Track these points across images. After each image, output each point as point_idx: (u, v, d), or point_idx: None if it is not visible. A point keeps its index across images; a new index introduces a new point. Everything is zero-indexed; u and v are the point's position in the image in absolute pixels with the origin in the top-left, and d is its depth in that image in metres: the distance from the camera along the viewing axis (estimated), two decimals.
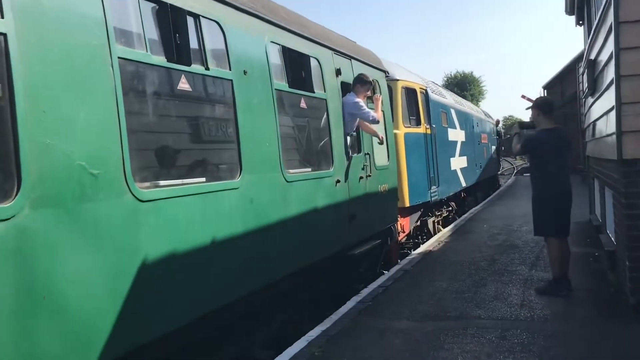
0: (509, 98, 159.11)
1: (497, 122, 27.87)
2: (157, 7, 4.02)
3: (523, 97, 48.68)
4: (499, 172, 29.11)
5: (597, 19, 6.96)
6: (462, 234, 11.55)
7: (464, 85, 68.53)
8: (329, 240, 6.60)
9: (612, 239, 7.31)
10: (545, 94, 40.18)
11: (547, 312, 5.76)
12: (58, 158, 3.04)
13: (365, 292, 7.08)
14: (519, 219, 12.67)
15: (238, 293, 4.73)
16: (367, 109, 7.15)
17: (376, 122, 7.33)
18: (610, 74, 5.85)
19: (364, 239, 7.69)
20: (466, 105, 18.95)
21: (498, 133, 26.62)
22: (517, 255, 8.71)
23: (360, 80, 7.22)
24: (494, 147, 24.50)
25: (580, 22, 11.54)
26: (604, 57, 6.58)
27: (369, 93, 7.31)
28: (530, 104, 42.89)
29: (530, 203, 6.63)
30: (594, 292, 6.39)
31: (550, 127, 6.37)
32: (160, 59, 3.97)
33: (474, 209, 16.32)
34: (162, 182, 3.92)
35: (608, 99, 6.16)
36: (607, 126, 6.35)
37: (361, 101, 7.10)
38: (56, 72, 3.09)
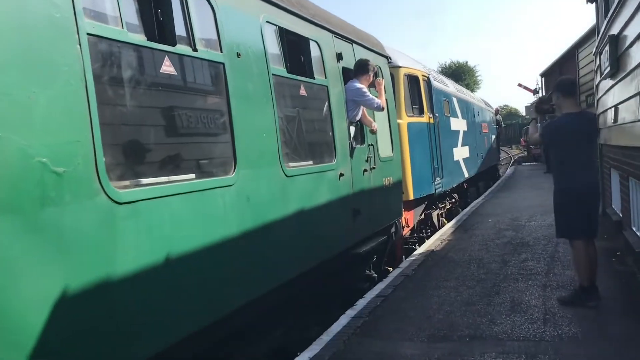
0: (505, 87, 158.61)
1: (497, 111, 27.39)
2: None
3: (520, 85, 48.10)
4: (499, 162, 28.64)
5: None
6: (466, 230, 10.72)
7: (459, 75, 67.87)
8: (333, 239, 6.08)
9: None
10: (543, 82, 39.69)
11: (577, 330, 4.86)
12: (11, 154, 2.49)
13: (361, 303, 6.22)
14: (526, 212, 12.11)
15: (235, 303, 4.20)
16: (371, 96, 6.61)
17: (381, 109, 6.79)
18: None
19: (368, 236, 7.17)
20: (467, 94, 18.43)
21: (497, 122, 26.11)
22: (529, 255, 7.90)
23: (362, 66, 6.68)
24: (493, 137, 24.01)
25: None
26: (635, 30, 5.86)
27: (371, 79, 6.76)
28: (529, 92, 42.46)
29: (535, 194, 6.04)
30: (626, 301, 5.55)
31: (575, 110, 5.57)
32: (139, 37, 3.41)
33: (476, 201, 15.75)
34: (143, 180, 3.38)
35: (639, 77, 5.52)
36: None
37: (364, 87, 6.56)
38: (7, 50, 2.54)
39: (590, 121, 5.67)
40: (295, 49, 5.59)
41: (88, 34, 2.97)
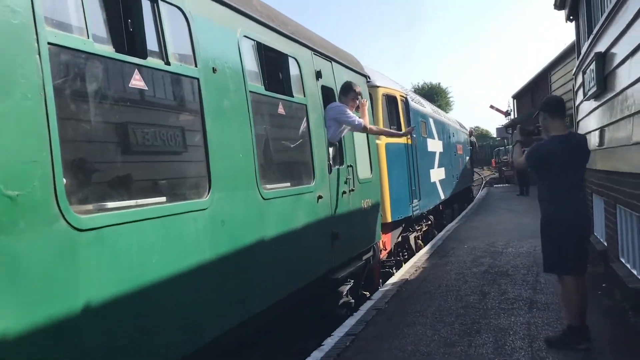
0: (476, 108, 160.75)
1: (471, 132, 27.52)
2: None
3: (491, 107, 48.65)
4: (472, 184, 28.73)
5: (613, 3, 6.07)
6: (441, 256, 10.28)
7: (432, 97, 68.55)
8: (312, 264, 5.81)
9: (635, 273, 6.20)
10: (515, 104, 40.19)
11: None
12: None
13: (329, 343, 5.61)
14: (501, 237, 11.94)
15: (209, 335, 3.89)
16: (353, 115, 6.41)
17: (363, 129, 6.58)
18: (638, 64, 4.97)
19: (347, 260, 6.92)
20: (443, 115, 18.43)
21: (471, 143, 26.22)
22: (509, 287, 7.45)
23: (348, 88, 6.49)
24: (467, 158, 24.06)
25: (572, 17, 11.02)
26: (625, 47, 5.63)
27: (356, 103, 6.56)
28: (500, 114, 42.92)
29: (509, 217, 5.77)
30: (619, 342, 5.09)
31: (563, 133, 5.10)
32: (106, 49, 3.14)
33: (450, 224, 15.56)
34: (108, 204, 3.08)
35: (633, 98, 5.31)
36: (634, 132, 5.35)
37: (346, 106, 6.36)
38: None
39: (581, 144, 5.19)
40: (273, 65, 5.36)
41: (49, 43, 2.69)
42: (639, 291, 5.63)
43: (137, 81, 3.32)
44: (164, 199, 3.54)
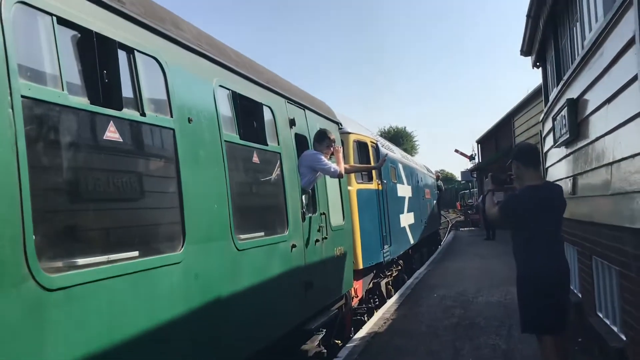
0: (442, 152, 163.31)
1: (438, 176, 27.84)
2: (79, 35, 3.14)
3: (456, 151, 49.46)
4: (440, 227, 28.93)
5: (589, 46, 6.04)
6: (410, 306, 10.02)
7: (397, 140, 69.49)
8: (286, 315, 5.67)
9: (616, 330, 5.89)
10: (480, 149, 40.97)
11: None
12: None
13: None
14: (471, 285, 11.88)
15: None
16: (329, 162, 6.40)
17: (338, 175, 6.57)
18: (618, 113, 4.90)
19: (320, 310, 6.80)
20: (411, 160, 18.62)
21: (438, 187, 26.50)
22: (482, 340, 7.23)
23: (321, 137, 6.51)
24: (435, 202, 24.26)
25: (538, 63, 11.28)
26: (601, 94, 5.57)
27: (331, 150, 6.57)
28: (465, 158, 43.64)
29: (478, 264, 5.60)
30: None
31: (538, 182, 4.92)
32: (80, 101, 3.06)
33: (419, 271, 15.39)
34: (79, 261, 2.95)
35: (612, 146, 5.20)
36: (613, 182, 5.19)
37: (320, 153, 6.36)
38: None
39: (558, 195, 4.97)
40: (248, 113, 5.32)
41: (22, 96, 2.61)
42: (621, 350, 5.36)
43: (111, 133, 3.23)
44: (136, 253, 3.41)
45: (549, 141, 9.44)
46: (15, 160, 2.52)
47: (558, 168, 8.69)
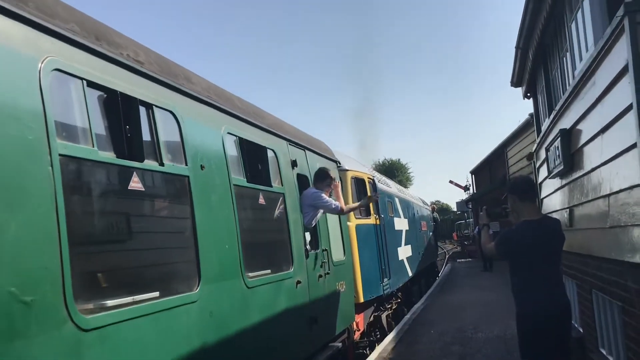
0: (436, 183, 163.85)
1: (433, 208, 28.16)
2: (105, 95, 3.45)
3: (451, 182, 49.93)
4: (437, 259, 29.11)
5: (580, 76, 5.95)
6: (408, 344, 9.87)
7: (392, 173, 69.91)
8: (292, 350, 5.88)
9: None
10: (474, 179, 41.40)
11: None
12: None
13: None
14: (470, 319, 11.92)
15: None
16: (330, 199, 6.69)
17: (340, 211, 6.86)
18: (614, 143, 4.79)
19: (324, 344, 6.99)
20: (407, 194, 18.93)
21: (434, 219, 26.78)
22: None
23: (322, 174, 6.80)
24: (431, 234, 24.51)
25: (529, 94, 11.34)
26: (595, 124, 5.45)
27: (336, 185, 6.87)
28: (459, 189, 43.91)
29: (477, 296, 5.50)
30: None
31: (535, 217, 4.72)
32: (108, 155, 3.35)
33: (416, 305, 15.26)
34: (108, 303, 3.20)
35: (609, 177, 5.08)
36: (611, 214, 5.03)
37: (322, 192, 6.65)
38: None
39: (556, 230, 4.77)
40: (253, 157, 5.63)
41: (60, 154, 2.90)
42: None
43: (135, 184, 3.52)
44: (157, 293, 3.66)
45: (543, 172, 9.26)
46: (55, 212, 2.79)
47: (553, 199, 8.53)
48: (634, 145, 4.29)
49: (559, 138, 7.04)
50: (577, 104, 6.26)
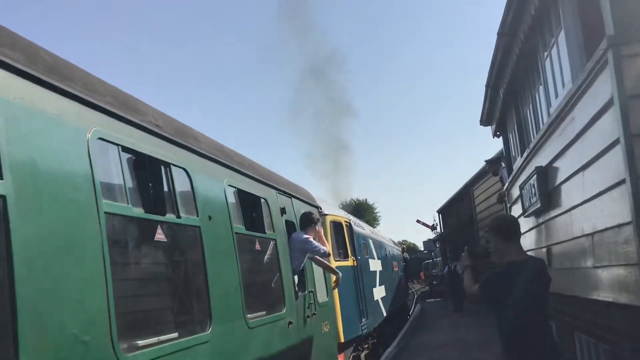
0: (403, 222, 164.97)
1: (403, 248, 28.76)
2: (135, 158, 3.92)
3: (418, 221, 50.54)
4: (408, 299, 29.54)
5: (558, 112, 5.89)
6: None
7: (360, 212, 70.55)
8: None
9: None
10: (441, 218, 42.24)
11: None
12: (52, 326, 2.73)
13: None
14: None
15: None
16: (317, 244, 7.16)
17: (327, 254, 7.33)
18: (598, 180, 4.67)
19: None
20: (379, 235, 19.49)
21: (405, 259, 27.35)
22: None
23: (308, 219, 7.29)
24: (402, 274, 25.03)
25: (498, 132, 11.48)
26: (575, 161, 5.29)
27: (319, 230, 7.35)
28: (426, 228, 44.47)
29: (452, 338, 4.60)
30: None
31: (520, 258, 4.42)
32: (139, 211, 3.80)
33: (388, 350, 14.50)
34: (139, 343, 3.59)
35: (592, 215, 4.92)
36: (596, 253, 4.85)
37: (310, 237, 7.12)
38: (50, 232, 2.86)
39: (541, 271, 4.50)
40: (249, 206, 6.10)
41: (105, 212, 3.33)
42: None
43: (159, 235, 3.96)
44: (176, 334, 4.06)
45: (517, 210, 9.06)
46: (102, 263, 3.21)
47: (528, 238, 8.26)
48: (622, 182, 4.17)
49: (535, 175, 6.94)
50: (554, 141, 6.14)
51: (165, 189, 4.24)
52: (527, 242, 8.24)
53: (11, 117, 2.74)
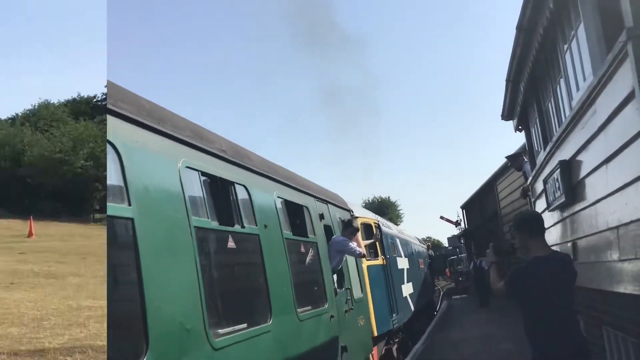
0: (426, 219, 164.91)
1: (428, 246, 29.40)
2: (209, 179, 4.77)
3: (442, 218, 50.61)
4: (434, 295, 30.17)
5: (579, 105, 5.88)
6: None
7: (382, 210, 70.96)
8: None
9: None
10: (465, 214, 42.41)
11: None
12: (166, 318, 3.57)
13: None
14: (473, 352, 12.43)
15: None
16: (354, 246, 7.98)
17: (362, 256, 8.17)
18: (621, 172, 4.65)
19: None
20: (405, 234, 20.21)
21: (430, 257, 28.01)
22: None
23: (349, 226, 8.15)
24: (428, 271, 25.69)
25: (521, 127, 11.40)
26: (599, 154, 5.29)
27: (357, 236, 8.19)
28: (451, 224, 44.56)
29: (478, 334, 4.45)
30: None
31: (545, 253, 4.41)
32: (215, 224, 4.64)
33: (416, 346, 14.86)
34: (220, 331, 4.43)
35: (616, 208, 4.90)
36: (621, 246, 4.82)
37: (348, 239, 7.95)
38: (161, 244, 3.70)
39: (567, 265, 4.49)
40: (293, 213, 6.93)
41: (195, 227, 4.17)
42: None
43: (231, 243, 4.80)
44: (245, 324, 4.90)
45: (541, 204, 9.02)
46: (195, 267, 4.05)
47: (554, 232, 8.22)
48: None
49: (559, 169, 6.92)
50: (577, 134, 6.14)
51: (231, 203, 5.08)
52: (553, 236, 8.19)
53: (131, 157, 3.58)
